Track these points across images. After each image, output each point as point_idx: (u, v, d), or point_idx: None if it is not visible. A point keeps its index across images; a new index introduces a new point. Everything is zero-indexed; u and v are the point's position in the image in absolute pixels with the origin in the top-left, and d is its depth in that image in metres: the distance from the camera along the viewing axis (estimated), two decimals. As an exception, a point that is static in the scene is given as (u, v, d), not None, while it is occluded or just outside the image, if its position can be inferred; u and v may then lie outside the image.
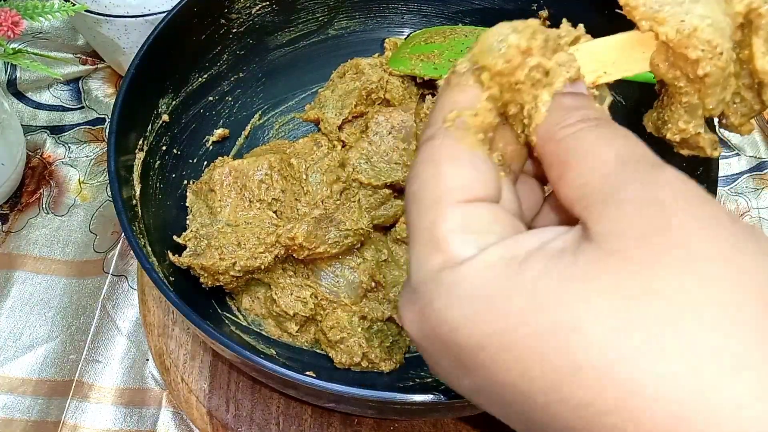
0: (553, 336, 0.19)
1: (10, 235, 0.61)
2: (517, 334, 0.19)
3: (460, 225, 0.22)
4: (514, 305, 0.20)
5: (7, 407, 0.52)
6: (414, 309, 0.22)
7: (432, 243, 0.22)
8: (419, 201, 0.23)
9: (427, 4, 0.62)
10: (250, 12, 0.56)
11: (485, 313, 0.20)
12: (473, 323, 0.20)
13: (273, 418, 0.49)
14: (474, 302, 0.20)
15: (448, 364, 0.22)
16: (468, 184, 0.23)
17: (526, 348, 0.19)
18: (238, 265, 0.46)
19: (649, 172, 0.21)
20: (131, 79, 0.46)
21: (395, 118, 0.53)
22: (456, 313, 0.21)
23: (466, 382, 0.22)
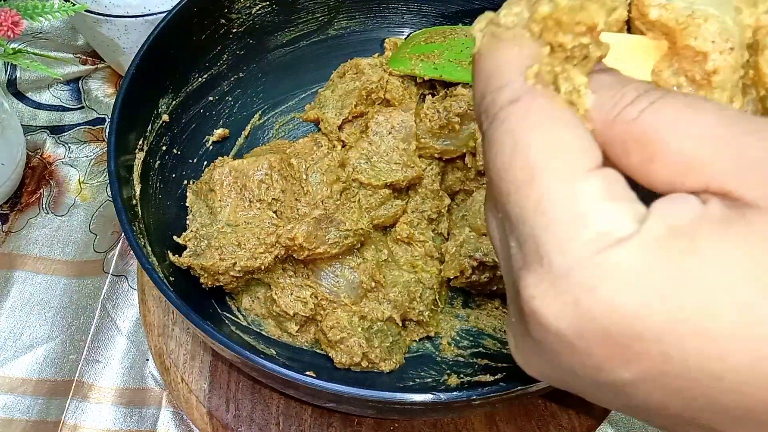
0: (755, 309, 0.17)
1: (10, 235, 0.61)
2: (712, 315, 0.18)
3: (605, 193, 0.19)
4: (704, 285, 0.18)
5: (7, 407, 0.52)
6: (563, 299, 0.19)
7: (576, 218, 0.19)
8: (540, 170, 0.20)
9: (427, 4, 0.62)
10: (250, 12, 0.56)
11: (672, 297, 0.18)
12: (658, 309, 0.18)
13: (273, 418, 0.49)
14: (653, 286, 0.18)
15: (604, 357, 0.19)
16: (590, 147, 0.20)
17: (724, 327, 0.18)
18: (238, 266, 0.46)
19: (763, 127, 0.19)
20: (131, 79, 0.46)
21: (395, 118, 0.53)
22: (632, 299, 0.18)
23: (627, 374, 0.19)
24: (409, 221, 0.53)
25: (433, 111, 0.51)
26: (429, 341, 0.51)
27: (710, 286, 0.18)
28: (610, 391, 0.21)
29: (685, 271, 0.18)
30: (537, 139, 0.20)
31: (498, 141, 0.21)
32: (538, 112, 0.20)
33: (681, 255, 0.18)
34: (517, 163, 0.20)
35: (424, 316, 0.50)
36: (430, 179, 0.53)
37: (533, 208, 0.20)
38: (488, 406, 0.45)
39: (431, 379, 0.48)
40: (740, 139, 0.19)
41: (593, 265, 0.19)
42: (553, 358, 0.21)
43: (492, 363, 0.48)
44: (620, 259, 0.18)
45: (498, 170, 0.21)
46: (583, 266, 0.19)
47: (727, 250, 0.18)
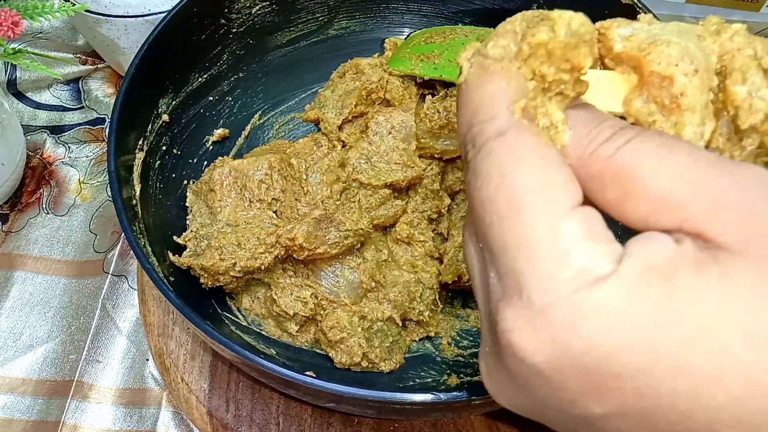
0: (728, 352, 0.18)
1: (10, 235, 0.61)
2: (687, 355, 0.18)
3: (586, 233, 0.20)
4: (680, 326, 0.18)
5: (7, 407, 0.52)
6: (541, 336, 0.20)
7: (558, 256, 0.19)
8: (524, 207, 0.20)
9: (427, 4, 0.62)
10: (250, 12, 0.56)
11: (648, 337, 0.18)
12: (634, 348, 0.19)
13: (273, 418, 0.49)
14: (632, 326, 0.19)
15: (578, 392, 0.20)
16: (572, 186, 0.21)
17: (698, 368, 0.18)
18: (238, 266, 0.46)
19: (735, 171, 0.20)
20: (131, 79, 0.46)
21: (395, 118, 0.53)
22: (608, 338, 0.19)
23: (599, 410, 0.20)
24: (409, 221, 0.53)
25: (433, 111, 0.51)
26: (429, 341, 0.51)
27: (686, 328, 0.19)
28: (581, 424, 0.21)
29: (660, 311, 0.19)
30: (523, 175, 0.20)
31: (484, 172, 0.21)
32: (525, 147, 0.21)
33: (657, 296, 0.19)
34: (502, 195, 0.21)
35: (424, 316, 0.50)
36: (430, 179, 0.53)
37: (516, 242, 0.20)
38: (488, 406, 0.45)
39: (431, 379, 0.48)
40: (715, 182, 0.19)
41: (572, 304, 0.19)
42: (527, 390, 0.22)
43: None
44: (598, 298, 0.19)
45: (482, 200, 0.21)
46: (562, 304, 0.19)
47: (703, 294, 0.19)
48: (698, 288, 0.19)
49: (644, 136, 0.21)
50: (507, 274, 0.21)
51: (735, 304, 0.18)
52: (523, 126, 0.21)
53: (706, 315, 0.18)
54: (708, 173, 0.20)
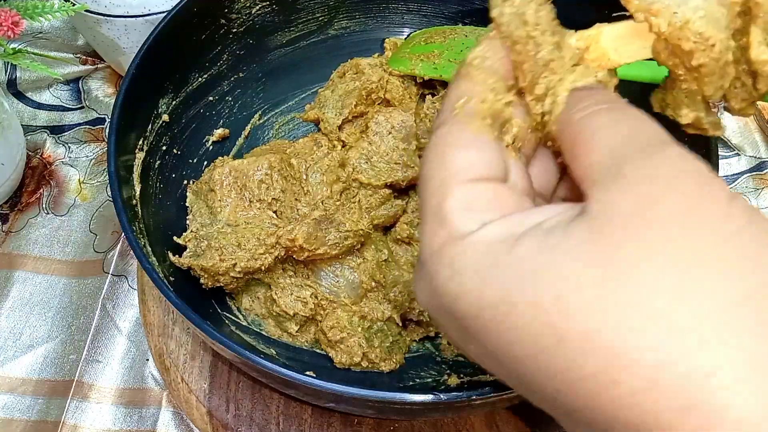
0: (537, 307, 0.20)
1: (10, 235, 0.61)
2: (507, 306, 0.21)
3: (464, 203, 0.23)
4: (506, 279, 0.21)
5: (7, 407, 0.52)
6: (423, 283, 0.24)
7: (438, 220, 0.23)
8: (428, 182, 0.25)
9: (427, 4, 0.62)
10: (250, 12, 0.56)
11: (481, 286, 0.21)
12: (471, 294, 0.22)
13: (273, 418, 0.49)
14: (471, 275, 0.22)
15: (455, 332, 0.24)
16: (472, 165, 0.24)
17: (515, 319, 0.21)
18: (239, 267, 0.46)
19: (654, 149, 0.21)
20: (131, 79, 0.46)
21: (395, 118, 0.53)
22: (455, 285, 0.22)
23: (471, 347, 0.23)
24: (409, 221, 0.52)
25: (433, 111, 0.51)
26: (429, 341, 0.51)
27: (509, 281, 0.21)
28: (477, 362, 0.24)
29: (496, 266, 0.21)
30: (435, 156, 0.25)
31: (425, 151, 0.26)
32: (447, 135, 0.25)
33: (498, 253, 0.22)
34: (421, 173, 0.26)
35: (424, 316, 0.50)
36: (430, 179, 0.53)
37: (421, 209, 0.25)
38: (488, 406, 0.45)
39: (431, 379, 0.48)
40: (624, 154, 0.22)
41: (438, 256, 0.23)
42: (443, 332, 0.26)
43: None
44: (454, 252, 0.23)
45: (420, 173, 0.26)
46: (432, 256, 0.23)
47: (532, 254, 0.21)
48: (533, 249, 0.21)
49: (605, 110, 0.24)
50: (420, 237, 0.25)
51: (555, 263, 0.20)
52: (456, 119, 0.25)
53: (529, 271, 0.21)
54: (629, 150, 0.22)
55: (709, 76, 0.25)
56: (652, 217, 0.20)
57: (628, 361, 0.19)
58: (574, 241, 0.20)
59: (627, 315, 0.19)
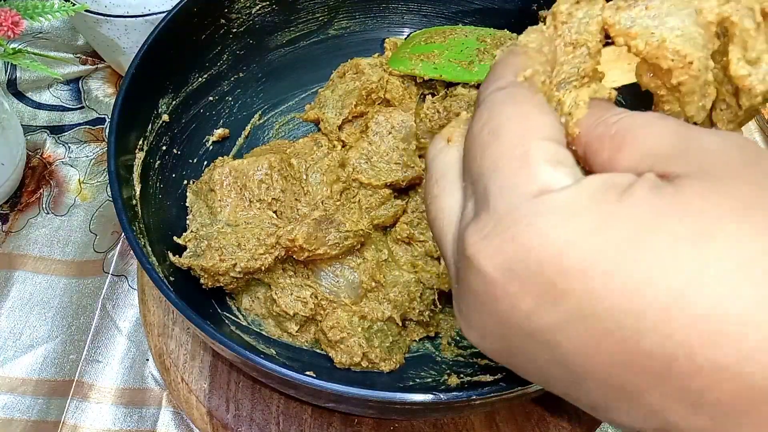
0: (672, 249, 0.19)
1: (10, 235, 0.61)
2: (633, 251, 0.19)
3: (554, 158, 0.22)
4: (623, 229, 0.19)
5: (7, 407, 0.52)
6: (501, 237, 0.21)
7: (525, 171, 0.21)
8: (504, 134, 0.22)
9: (427, 4, 0.62)
10: (250, 12, 0.56)
11: (595, 234, 0.19)
12: (585, 244, 0.19)
13: (273, 418, 0.49)
14: (581, 223, 0.20)
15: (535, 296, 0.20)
16: (554, 127, 0.23)
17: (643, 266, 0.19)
18: (239, 267, 0.46)
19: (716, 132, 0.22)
20: (131, 79, 0.46)
21: (395, 118, 0.53)
22: (561, 234, 0.20)
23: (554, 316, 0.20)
24: (409, 221, 0.52)
25: (433, 111, 0.51)
26: (429, 341, 0.51)
27: (625, 231, 0.19)
28: (538, 342, 0.21)
29: (607, 216, 0.20)
30: (509, 111, 0.23)
31: (477, 114, 0.24)
32: (517, 95, 0.24)
33: (607, 202, 0.20)
34: (486, 129, 0.23)
35: (424, 316, 0.50)
36: (430, 179, 0.53)
37: (491, 165, 0.22)
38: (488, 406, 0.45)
39: (431, 379, 0.48)
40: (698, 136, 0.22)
41: (533, 205, 0.20)
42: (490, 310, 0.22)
43: (492, 363, 0.48)
44: (555, 201, 0.20)
45: (471, 137, 0.24)
46: (521, 206, 0.21)
47: (650, 204, 0.20)
48: (647, 199, 0.20)
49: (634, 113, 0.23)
50: (480, 196, 0.22)
51: (676, 213, 0.19)
52: (522, 84, 0.24)
53: (647, 222, 0.19)
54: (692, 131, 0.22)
55: (690, 95, 0.26)
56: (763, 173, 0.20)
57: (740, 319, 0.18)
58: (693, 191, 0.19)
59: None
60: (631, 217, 0.19)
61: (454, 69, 0.53)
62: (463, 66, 0.53)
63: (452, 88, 0.52)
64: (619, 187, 0.20)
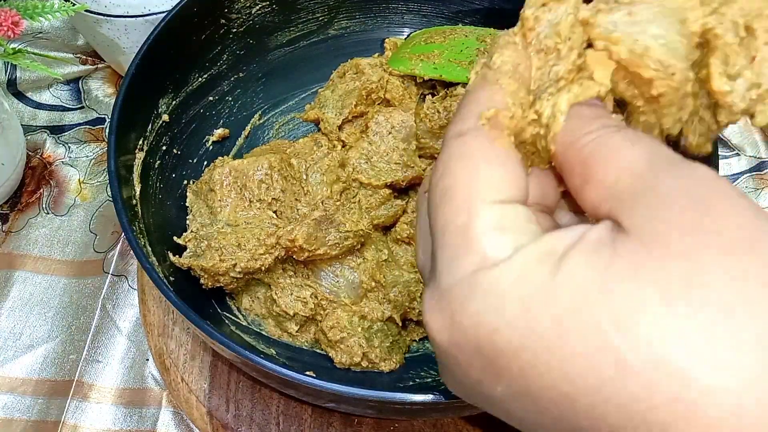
0: (599, 333, 0.18)
1: (10, 235, 0.61)
2: (560, 334, 0.19)
3: (496, 224, 0.21)
4: (556, 304, 0.19)
5: (7, 407, 0.52)
6: (444, 315, 0.21)
7: (465, 243, 0.21)
8: (451, 198, 0.22)
9: (427, 4, 0.62)
10: (250, 12, 0.56)
11: (526, 314, 0.19)
12: (514, 325, 0.19)
13: (273, 418, 0.49)
14: (514, 304, 0.20)
15: (480, 371, 0.21)
16: (503, 185, 0.22)
17: (570, 348, 0.19)
18: (239, 267, 0.46)
19: (681, 168, 0.20)
20: (131, 79, 0.46)
21: (395, 118, 0.53)
22: (494, 316, 0.20)
23: (499, 389, 0.21)
24: (409, 221, 0.52)
25: (433, 111, 0.51)
26: (429, 341, 0.51)
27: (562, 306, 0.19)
28: (496, 407, 0.22)
29: (541, 291, 0.19)
30: (459, 169, 0.23)
31: (436, 165, 0.24)
32: (472, 147, 0.23)
33: (542, 277, 0.20)
34: (439, 186, 0.23)
35: (424, 316, 0.50)
36: (430, 179, 0.53)
37: (440, 230, 0.22)
38: (488, 406, 0.44)
39: (431, 379, 0.48)
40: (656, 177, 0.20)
41: (469, 285, 0.21)
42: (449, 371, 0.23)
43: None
44: (489, 279, 0.20)
45: (430, 191, 0.23)
46: (460, 284, 0.21)
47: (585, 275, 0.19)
48: (582, 268, 0.19)
49: (616, 131, 0.22)
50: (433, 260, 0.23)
51: (611, 285, 0.18)
52: (482, 131, 0.23)
53: (584, 295, 0.19)
54: (655, 167, 0.20)
55: (668, 107, 0.25)
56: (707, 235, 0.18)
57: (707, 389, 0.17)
58: (627, 261, 0.19)
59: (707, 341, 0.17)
60: (560, 296, 0.19)
61: (454, 69, 0.53)
62: (463, 66, 0.53)
63: (452, 88, 0.52)
64: (555, 256, 0.20)
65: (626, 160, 0.21)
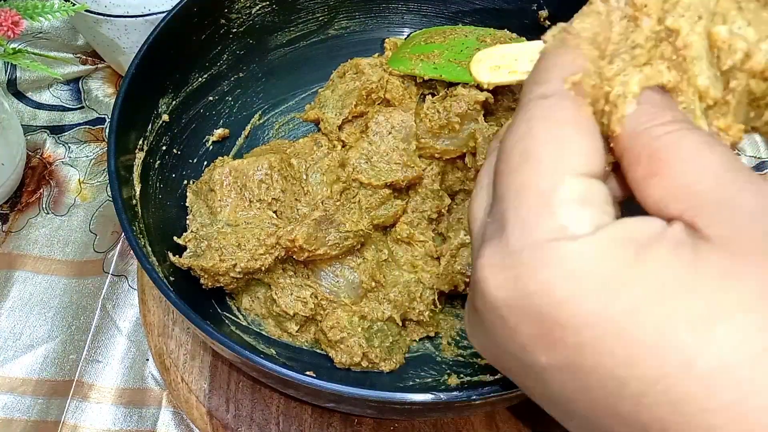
0: (673, 329, 0.18)
1: (10, 235, 0.61)
2: (634, 321, 0.19)
3: (580, 197, 0.21)
4: (635, 291, 0.19)
5: (7, 407, 0.52)
6: (507, 273, 0.21)
7: (545, 209, 0.21)
8: (535, 162, 0.21)
9: (427, 4, 0.62)
10: (250, 12, 0.56)
11: (603, 294, 0.19)
12: (583, 301, 0.19)
13: (273, 418, 0.49)
14: (589, 280, 0.19)
15: (529, 337, 0.21)
16: (590, 158, 0.22)
17: (640, 336, 0.19)
18: (239, 267, 0.46)
19: (759, 184, 0.20)
20: (131, 79, 0.46)
21: (395, 118, 0.53)
22: (565, 287, 0.20)
23: (545, 359, 0.21)
24: (409, 221, 0.52)
25: (433, 111, 0.51)
26: (429, 341, 0.51)
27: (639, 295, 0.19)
28: (532, 376, 0.22)
29: (621, 274, 0.19)
30: (546, 133, 0.22)
31: (515, 125, 0.23)
32: (560, 111, 0.22)
33: (625, 260, 0.19)
34: (519, 147, 0.22)
35: (424, 316, 0.50)
36: (430, 179, 0.53)
37: (515, 190, 0.22)
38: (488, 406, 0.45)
39: (431, 379, 0.48)
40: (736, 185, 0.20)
41: (542, 250, 0.20)
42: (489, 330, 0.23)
43: (492, 363, 0.48)
44: (567, 250, 0.20)
45: (503, 149, 0.23)
46: (533, 248, 0.20)
47: (668, 269, 0.19)
48: (666, 263, 0.19)
49: (694, 131, 0.22)
50: (499, 218, 0.22)
51: (694, 287, 0.19)
52: (568, 95, 0.22)
53: (662, 289, 0.19)
54: (735, 176, 0.20)
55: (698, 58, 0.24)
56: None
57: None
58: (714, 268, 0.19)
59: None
60: (640, 285, 0.19)
61: (454, 69, 0.53)
62: (463, 66, 0.53)
63: (452, 88, 0.52)
64: (638, 244, 0.20)
65: (705, 163, 0.21)
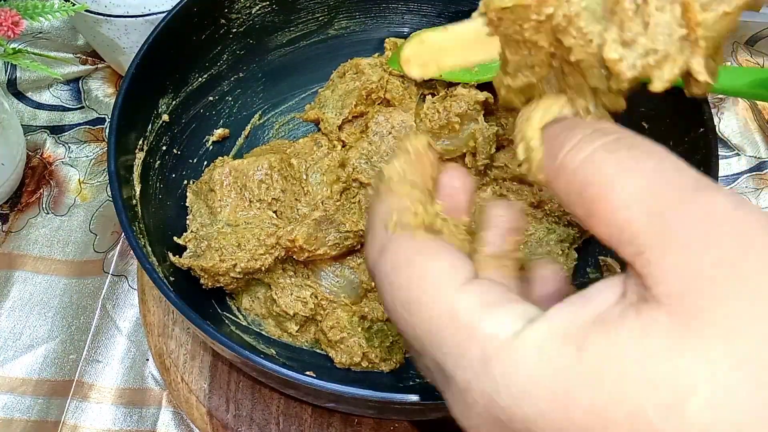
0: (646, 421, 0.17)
1: (10, 235, 0.61)
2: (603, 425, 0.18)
3: (479, 302, 0.20)
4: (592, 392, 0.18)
5: (7, 407, 0.52)
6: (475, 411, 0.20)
7: (460, 335, 0.20)
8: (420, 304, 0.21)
9: (427, 4, 0.62)
10: (250, 12, 0.56)
11: (560, 404, 0.18)
12: (550, 417, 0.18)
13: (273, 418, 0.49)
14: (543, 392, 0.18)
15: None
16: (457, 266, 0.21)
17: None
18: (239, 267, 0.46)
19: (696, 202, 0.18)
20: (131, 79, 0.46)
21: (395, 118, 0.53)
22: (525, 408, 0.18)
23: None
24: (409, 221, 0.52)
25: (433, 111, 0.51)
26: None
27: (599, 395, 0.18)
28: None
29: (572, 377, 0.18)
30: (409, 276, 0.22)
31: (379, 289, 0.23)
32: (403, 253, 0.22)
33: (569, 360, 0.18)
34: (397, 301, 0.22)
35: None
36: (430, 179, 0.53)
37: (426, 334, 0.21)
38: (488, 406, 0.44)
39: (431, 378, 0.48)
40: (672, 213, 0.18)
41: (486, 377, 0.19)
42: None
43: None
44: (507, 368, 0.19)
45: (390, 314, 0.22)
46: (478, 379, 0.19)
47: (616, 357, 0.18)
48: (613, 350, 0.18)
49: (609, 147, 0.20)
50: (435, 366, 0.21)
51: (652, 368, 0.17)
52: (398, 237, 0.23)
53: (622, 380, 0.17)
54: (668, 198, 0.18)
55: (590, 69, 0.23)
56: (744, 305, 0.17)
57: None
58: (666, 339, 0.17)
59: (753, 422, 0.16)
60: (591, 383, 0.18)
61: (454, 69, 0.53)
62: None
63: (452, 88, 0.52)
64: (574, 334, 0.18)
65: (629, 192, 0.19)
